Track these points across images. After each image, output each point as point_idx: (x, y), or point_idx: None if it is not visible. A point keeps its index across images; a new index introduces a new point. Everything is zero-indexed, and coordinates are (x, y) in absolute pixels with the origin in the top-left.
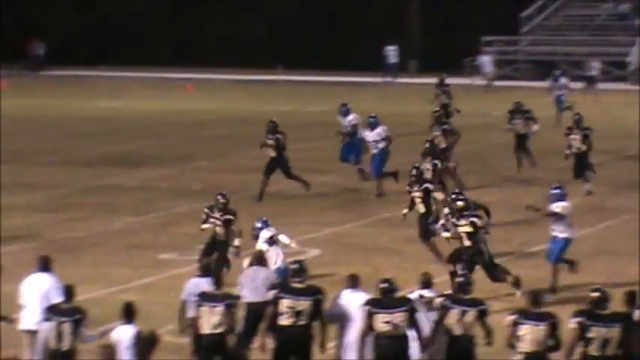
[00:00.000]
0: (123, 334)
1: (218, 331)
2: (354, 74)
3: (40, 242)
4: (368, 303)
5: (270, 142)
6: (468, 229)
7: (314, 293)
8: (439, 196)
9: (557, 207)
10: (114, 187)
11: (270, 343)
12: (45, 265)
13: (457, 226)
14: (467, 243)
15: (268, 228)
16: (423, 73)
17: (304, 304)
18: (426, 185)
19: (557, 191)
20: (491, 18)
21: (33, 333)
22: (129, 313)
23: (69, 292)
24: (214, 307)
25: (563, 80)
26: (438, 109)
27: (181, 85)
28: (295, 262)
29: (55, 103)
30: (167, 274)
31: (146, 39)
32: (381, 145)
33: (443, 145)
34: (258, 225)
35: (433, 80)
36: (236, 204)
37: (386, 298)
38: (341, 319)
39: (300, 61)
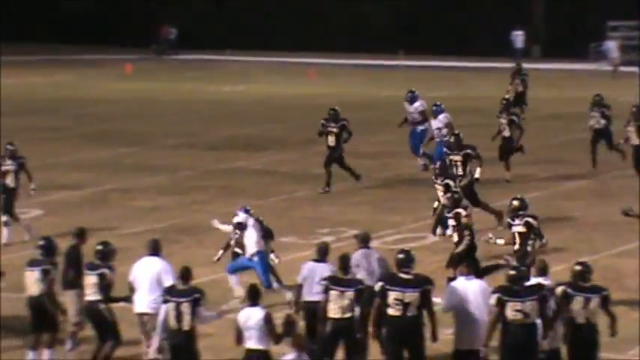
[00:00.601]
0: (251, 316)
1: (347, 315)
2: (476, 59)
3: (163, 224)
4: (499, 291)
5: (335, 129)
6: (522, 229)
7: (422, 284)
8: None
9: None
10: (237, 170)
11: (380, 334)
12: (155, 249)
13: (511, 226)
14: (517, 245)
15: (239, 214)
16: (546, 58)
17: (412, 295)
18: (447, 181)
19: None
20: (617, 3)
21: (145, 316)
22: (254, 296)
23: (186, 273)
24: (344, 291)
25: None
26: (507, 96)
27: (303, 70)
28: (402, 251)
29: (178, 86)
30: (287, 258)
31: (269, 24)
32: (445, 132)
33: (506, 134)
34: (240, 212)
35: (557, 66)
36: (354, 189)
37: (517, 286)
38: (456, 306)
39: (421, 47)
